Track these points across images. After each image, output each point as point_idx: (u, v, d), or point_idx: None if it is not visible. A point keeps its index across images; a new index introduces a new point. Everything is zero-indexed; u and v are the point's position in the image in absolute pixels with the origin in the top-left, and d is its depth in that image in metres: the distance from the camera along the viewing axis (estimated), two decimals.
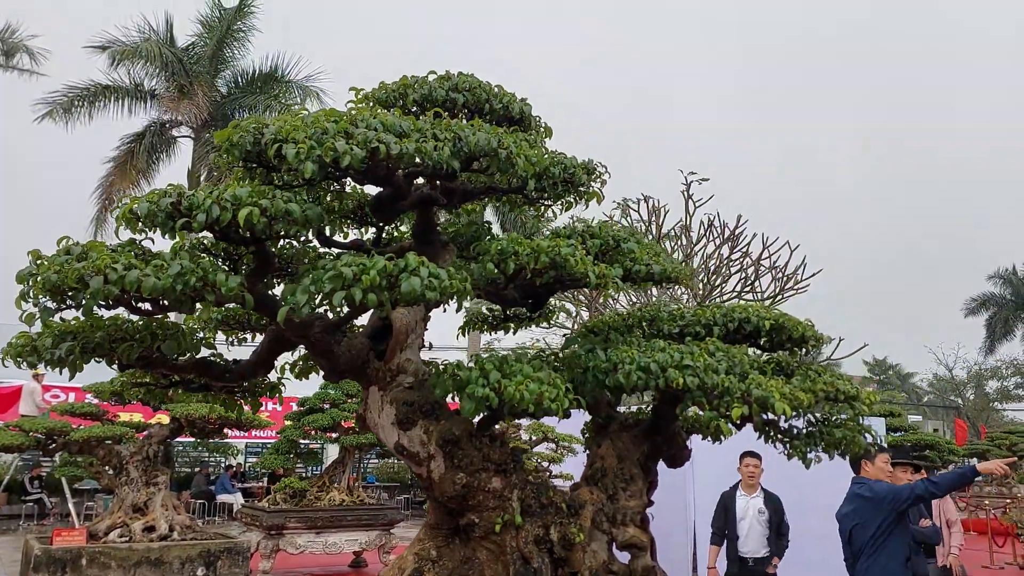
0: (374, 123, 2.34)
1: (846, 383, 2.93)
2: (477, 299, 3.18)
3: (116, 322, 2.41)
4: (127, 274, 2.00)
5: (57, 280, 2.01)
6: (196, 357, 2.74)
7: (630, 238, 3.07)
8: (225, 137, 2.37)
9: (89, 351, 2.31)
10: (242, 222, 2.10)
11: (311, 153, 2.20)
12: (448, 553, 2.81)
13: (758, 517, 5.91)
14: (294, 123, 2.31)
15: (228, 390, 3.06)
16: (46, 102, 26.31)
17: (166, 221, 2.17)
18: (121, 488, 8.96)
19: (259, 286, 2.45)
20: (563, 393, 2.51)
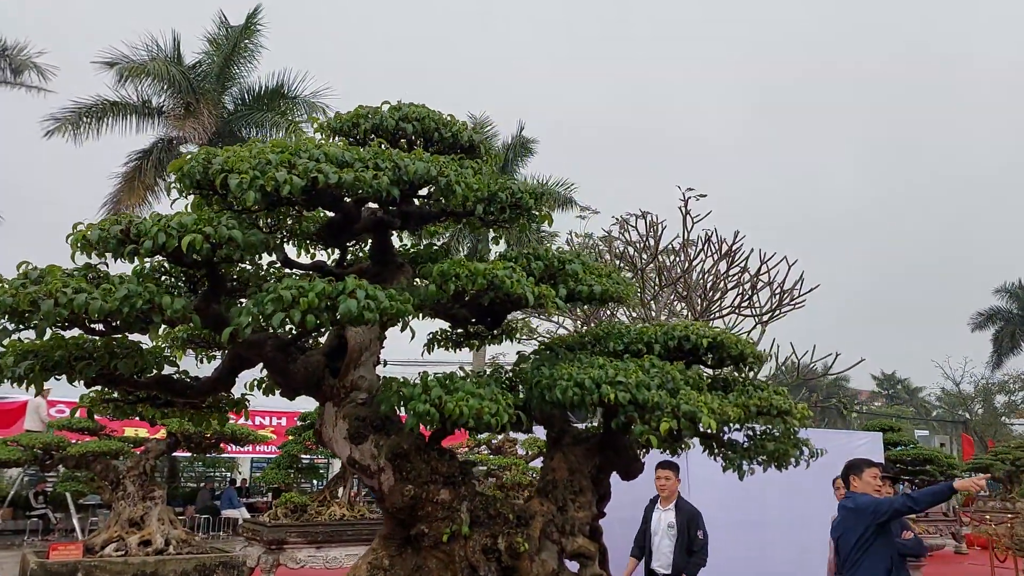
0: (316, 154, 2.49)
1: (780, 399, 3.04)
2: (434, 318, 3.31)
3: (76, 341, 2.55)
4: (76, 297, 2.14)
5: (12, 303, 2.15)
6: (159, 374, 2.88)
7: (575, 260, 3.20)
8: (177, 167, 2.52)
9: (49, 369, 2.45)
10: (185, 248, 2.25)
11: (253, 183, 2.35)
12: (400, 562, 2.93)
13: (667, 531, 5.77)
14: (240, 155, 2.46)
15: (193, 406, 3.20)
16: (55, 119, 26.69)
17: (117, 247, 2.32)
18: (118, 502, 9.09)
19: (213, 306, 2.59)
20: (503, 408, 2.63)
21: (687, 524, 5.77)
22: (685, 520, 5.77)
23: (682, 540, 5.70)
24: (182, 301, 2.27)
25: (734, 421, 2.78)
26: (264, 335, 2.70)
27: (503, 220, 3.20)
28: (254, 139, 2.63)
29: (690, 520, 5.81)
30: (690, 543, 5.73)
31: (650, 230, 18.20)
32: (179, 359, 3.18)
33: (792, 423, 3.04)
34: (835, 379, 54.73)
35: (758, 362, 3.34)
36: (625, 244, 18.92)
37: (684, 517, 5.77)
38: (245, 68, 29.18)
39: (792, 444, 3.10)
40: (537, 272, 3.12)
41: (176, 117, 27.63)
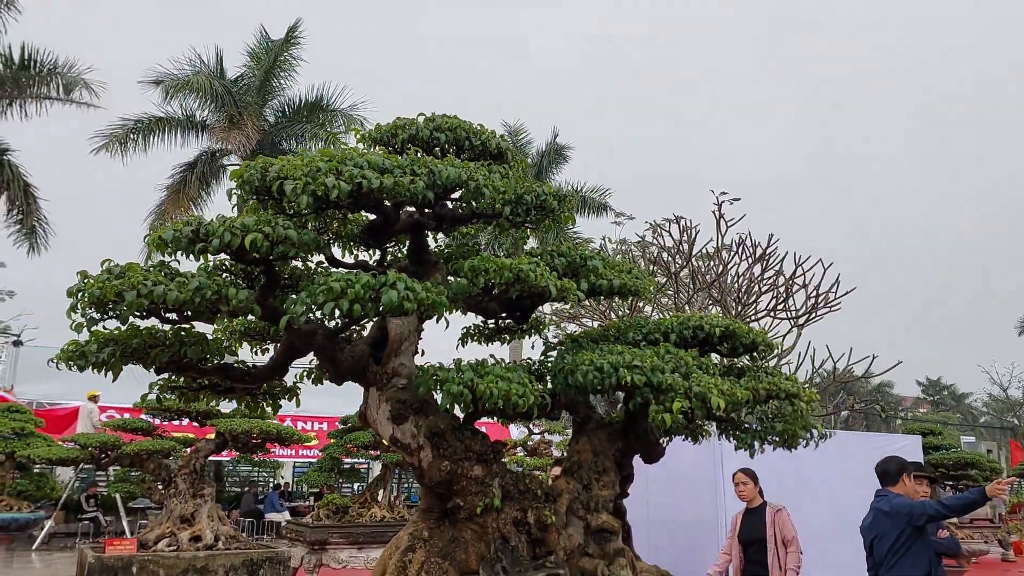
0: (360, 161, 2.80)
1: (789, 383, 3.26)
2: (466, 312, 3.60)
3: (150, 331, 2.89)
4: (155, 289, 2.47)
5: (100, 294, 2.49)
6: (220, 363, 3.20)
7: (595, 256, 3.47)
8: (238, 175, 2.85)
9: (128, 355, 2.79)
10: (248, 246, 2.56)
11: (306, 188, 2.66)
12: (438, 533, 3.21)
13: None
14: (293, 163, 2.78)
15: (250, 393, 3.52)
16: (103, 135, 27.56)
17: (188, 245, 2.65)
18: (169, 500, 9.48)
19: (269, 300, 2.91)
20: (530, 391, 2.90)
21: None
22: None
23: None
24: (245, 293, 2.59)
25: (743, 402, 3.00)
26: (315, 325, 3.01)
27: (529, 221, 3.47)
28: (303, 149, 2.94)
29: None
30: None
31: (683, 234, 18.32)
32: (237, 350, 3.50)
33: (800, 405, 3.26)
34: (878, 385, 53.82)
35: (769, 350, 3.56)
36: (659, 249, 19.06)
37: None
38: (285, 81, 29.82)
39: (800, 426, 3.31)
40: (560, 267, 3.40)
41: (220, 130, 28.38)
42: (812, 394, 3.33)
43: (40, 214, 27.46)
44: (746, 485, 6.41)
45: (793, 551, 6.14)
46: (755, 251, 18.28)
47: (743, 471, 6.46)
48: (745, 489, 6.42)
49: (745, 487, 6.42)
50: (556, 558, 3.18)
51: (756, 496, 6.46)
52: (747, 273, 18.30)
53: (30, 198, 26.91)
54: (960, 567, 14.67)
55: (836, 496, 9.53)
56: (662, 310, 18.44)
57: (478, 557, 3.13)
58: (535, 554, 3.23)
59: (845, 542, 6.08)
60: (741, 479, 6.41)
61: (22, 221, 26.95)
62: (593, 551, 3.35)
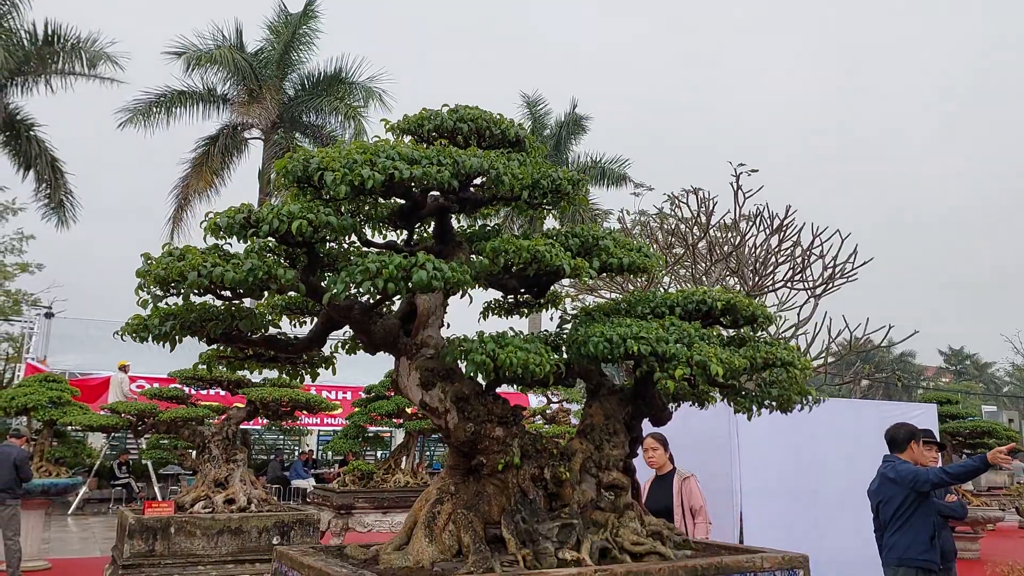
0: (392, 153, 3.11)
1: (785, 352, 3.56)
2: (487, 288, 3.91)
3: (204, 306, 3.23)
4: (214, 270, 2.80)
5: (164, 275, 2.82)
6: (265, 334, 3.55)
7: (607, 236, 3.77)
8: (281, 166, 3.16)
9: (185, 328, 3.13)
10: (294, 231, 2.89)
11: (344, 179, 2.98)
12: (463, 488, 3.55)
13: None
14: (331, 155, 3.09)
15: (291, 362, 3.87)
16: (127, 109, 27.91)
17: (240, 230, 2.98)
18: (204, 465, 9.91)
19: (311, 278, 3.23)
20: (546, 360, 3.21)
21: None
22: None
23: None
24: (291, 273, 2.92)
25: (741, 370, 3.30)
26: (352, 301, 3.33)
27: (546, 203, 3.77)
28: (340, 140, 3.25)
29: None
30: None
31: (701, 206, 18.46)
32: (279, 323, 3.84)
33: (795, 373, 3.55)
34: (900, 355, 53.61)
35: (768, 322, 3.84)
36: (677, 220, 19.22)
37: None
38: (304, 54, 30.01)
39: (795, 391, 3.61)
40: (574, 247, 3.70)
41: (241, 103, 28.67)
42: (807, 362, 3.61)
43: (67, 188, 27.97)
44: (655, 451, 6.00)
45: (701, 522, 5.63)
46: (772, 222, 18.40)
47: (653, 436, 5.96)
48: (655, 455, 6.00)
49: (655, 453, 6.00)
50: (570, 510, 3.52)
51: (666, 463, 6.09)
52: (764, 244, 18.44)
53: (57, 172, 27.45)
54: (976, 533, 14.95)
55: (851, 464, 9.76)
56: (680, 281, 18.68)
57: (500, 509, 3.47)
58: (551, 507, 3.56)
59: (859, 509, 6.23)
60: (650, 444, 5.95)
61: (50, 195, 27.51)
62: (604, 505, 3.68)
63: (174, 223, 28.03)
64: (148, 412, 10.28)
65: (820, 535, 9.45)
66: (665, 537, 3.67)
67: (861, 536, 7.96)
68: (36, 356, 24.01)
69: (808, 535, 9.00)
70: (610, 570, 3.14)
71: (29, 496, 11.93)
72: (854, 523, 9.20)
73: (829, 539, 9.48)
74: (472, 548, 3.27)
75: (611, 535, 3.53)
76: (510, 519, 3.39)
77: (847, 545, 9.18)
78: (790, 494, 9.80)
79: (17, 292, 29.75)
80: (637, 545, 3.52)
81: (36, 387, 14.04)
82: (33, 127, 27.15)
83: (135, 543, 7.72)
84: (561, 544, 3.36)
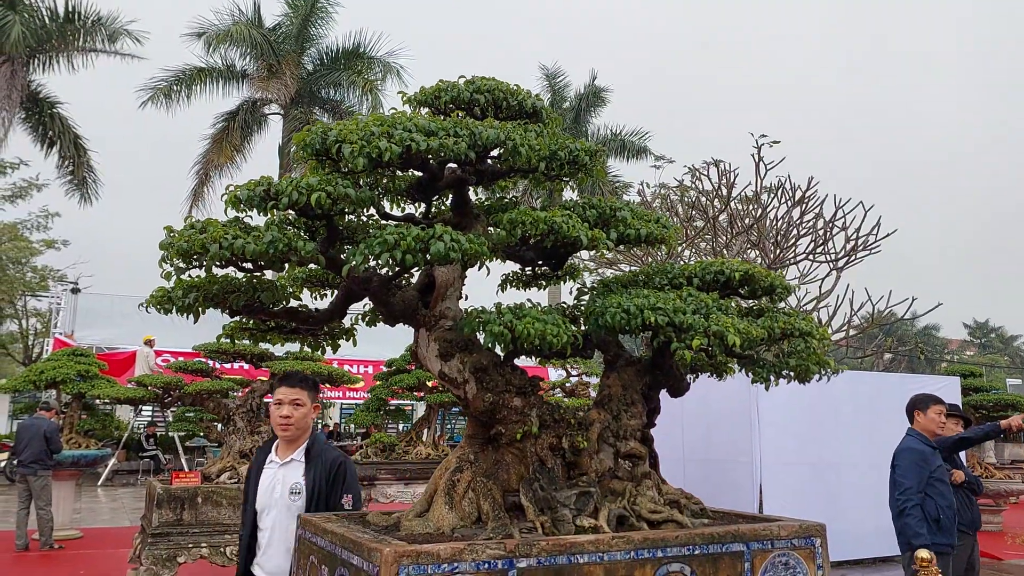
0: (409, 125, 3.12)
1: (803, 322, 3.55)
2: (505, 260, 3.93)
3: (227, 279, 3.28)
4: (235, 242, 2.85)
5: (187, 247, 2.87)
6: (287, 306, 3.60)
7: (624, 208, 3.76)
8: (300, 139, 3.19)
9: (208, 300, 3.19)
10: (313, 203, 2.92)
11: (361, 151, 3.00)
12: (483, 456, 3.60)
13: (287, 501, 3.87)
14: (349, 127, 3.12)
15: (312, 334, 3.92)
16: (148, 88, 28.04)
17: (260, 203, 3.02)
18: (229, 436, 10.08)
19: (330, 251, 3.27)
20: (563, 331, 3.23)
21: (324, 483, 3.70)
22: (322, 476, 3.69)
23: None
24: (311, 245, 2.96)
25: (758, 340, 3.30)
26: (371, 273, 3.37)
27: (563, 175, 3.77)
28: (358, 113, 3.27)
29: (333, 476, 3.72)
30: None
31: (722, 178, 18.31)
32: (299, 296, 3.89)
33: (813, 343, 3.54)
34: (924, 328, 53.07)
35: (786, 292, 3.84)
36: (697, 193, 19.08)
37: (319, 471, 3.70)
38: (322, 28, 29.95)
39: (813, 361, 3.61)
40: (591, 219, 3.70)
41: (260, 79, 28.72)
42: (825, 332, 3.60)
43: (90, 165, 28.23)
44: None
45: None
46: (794, 194, 18.22)
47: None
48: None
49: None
50: (588, 479, 3.56)
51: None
52: (786, 216, 18.28)
53: (80, 150, 27.71)
54: (998, 506, 14.88)
55: (873, 436, 9.77)
56: (700, 255, 18.59)
57: (518, 477, 3.51)
58: (569, 476, 3.61)
59: (880, 481, 6.27)
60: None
61: (73, 173, 27.80)
62: (622, 474, 3.72)
63: (194, 198, 28.25)
64: (174, 384, 10.46)
65: (840, 507, 9.49)
66: (682, 506, 3.71)
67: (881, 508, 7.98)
68: (63, 331, 24.43)
69: (828, 507, 9.05)
70: (628, 537, 3.18)
71: (60, 467, 12.20)
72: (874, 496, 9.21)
73: (849, 511, 9.52)
74: (491, 515, 3.33)
75: (628, 503, 3.57)
76: (528, 487, 3.43)
77: (866, 517, 9.22)
78: (810, 466, 9.83)
79: (44, 268, 30.18)
80: (654, 513, 3.56)
81: (64, 360, 14.31)
82: (56, 104, 27.37)
83: (163, 512, 7.90)
84: (579, 512, 3.41)
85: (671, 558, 3.24)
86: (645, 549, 3.19)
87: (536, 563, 2.98)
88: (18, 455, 11.83)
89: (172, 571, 7.65)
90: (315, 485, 3.72)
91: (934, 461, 5.82)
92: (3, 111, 24.74)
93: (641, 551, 3.18)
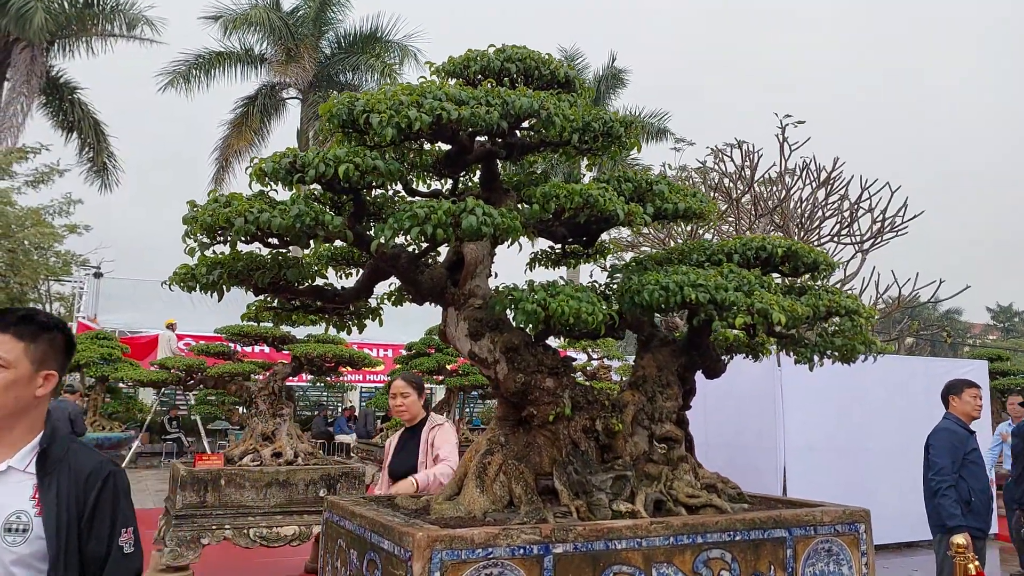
0: (439, 94, 2.99)
1: (849, 300, 3.40)
2: (537, 236, 3.81)
3: (250, 255, 3.18)
4: (260, 216, 2.73)
5: (211, 221, 2.77)
6: (313, 284, 3.50)
7: (661, 181, 3.62)
8: (326, 109, 3.07)
9: (232, 277, 3.08)
10: (341, 175, 2.80)
11: (391, 120, 2.87)
12: (514, 439, 3.49)
13: None
14: (377, 96, 2.99)
15: (338, 313, 3.82)
16: (167, 72, 28.06)
17: (285, 176, 2.90)
18: (251, 419, 10.06)
19: (357, 226, 3.16)
20: (598, 309, 3.10)
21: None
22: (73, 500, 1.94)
23: None
24: (340, 219, 2.84)
25: (803, 318, 3.16)
26: (399, 249, 3.26)
27: (596, 148, 3.62)
28: (385, 84, 3.15)
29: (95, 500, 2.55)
30: None
31: (745, 159, 18.02)
32: (325, 274, 3.79)
33: (859, 321, 3.39)
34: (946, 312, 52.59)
35: (830, 269, 3.69)
36: (720, 175, 18.80)
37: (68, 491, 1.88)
38: (340, 12, 29.81)
39: (860, 341, 3.46)
40: (627, 192, 3.57)
41: (278, 63, 28.65)
42: (872, 310, 3.46)
43: (110, 151, 28.31)
44: (407, 397, 4.74)
45: (444, 463, 4.40)
46: (819, 175, 17.91)
47: (404, 378, 4.77)
48: (405, 403, 4.74)
49: (406, 400, 4.74)
50: (623, 462, 3.44)
51: (420, 412, 4.82)
52: (811, 198, 17.99)
53: (100, 136, 27.80)
54: None
55: (900, 420, 9.62)
56: (722, 237, 18.31)
57: (551, 460, 3.40)
58: (603, 459, 3.49)
59: (908, 465, 6.17)
60: (399, 388, 4.68)
61: (93, 159, 27.90)
62: (657, 457, 3.60)
63: (216, 183, 28.31)
64: (196, 367, 10.45)
65: (866, 493, 9.35)
66: (720, 490, 3.59)
67: (908, 494, 7.86)
68: (87, 315, 24.59)
69: (853, 492, 8.96)
70: (666, 522, 3.07)
71: None
72: (902, 480, 9.06)
73: (875, 496, 9.38)
74: (524, 499, 3.22)
75: (665, 487, 3.45)
76: (562, 470, 3.32)
77: (893, 502, 9.08)
78: (836, 450, 9.69)
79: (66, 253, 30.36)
80: (692, 498, 3.44)
81: (88, 344, 14.37)
82: (76, 90, 27.45)
83: (187, 494, 7.88)
84: (615, 496, 3.30)
85: (711, 544, 3.12)
86: (684, 535, 3.08)
87: (572, 548, 2.87)
88: None
89: (196, 552, 7.63)
90: (61, 516, 2.04)
91: (969, 444, 5.73)
92: (23, 97, 24.84)
93: (680, 537, 3.07)
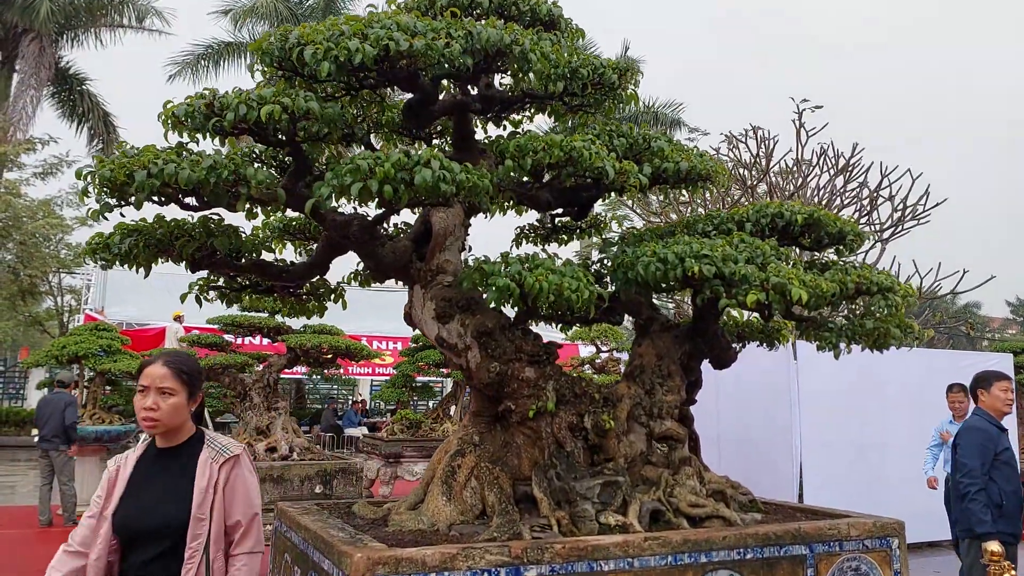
0: (389, 23, 2.49)
1: (882, 276, 2.87)
2: (517, 204, 3.30)
3: (176, 222, 2.69)
4: (166, 167, 2.25)
5: (110, 176, 2.28)
6: (256, 259, 3.01)
7: (660, 137, 3.09)
8: (257, 46, 2.58)
9: (152, 247, 2.60)
10: (264, 118, 2.30)
11: (328, 53, 2.38)
12: (489, 437, 3.00)
13: None
14: (316, 28, 2.50)
15: (293, 293, 3.33)
16: (175, 63, 27.82)
17: (203, 121, 2.41)
18: (245, 412, 9.68)
19: (299, 186, 2.67)
20: (584, 285, 2.60)
21: None
22: None
23: None
24: (265, 173, 2.35)
25: (828, 296, 2.64)
26: (349, 216, 2.77)
27: (587, 104, 3.12)
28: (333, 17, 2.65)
29: None
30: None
31: (761, 147, 17.43)
32: (279, 251, 3.31)
33: (895, 300, 2.86)
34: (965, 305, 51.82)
35: (859, 240, 3.16)
36: (735, 163, 18.23)
37: None
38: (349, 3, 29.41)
39: (895, 324, 2.92)
40: (620, 149, 3.04)
41: None
42: (909, 288, 2.92)
43: (119, 142, 28.10)
44: (169, 396, 2.24)
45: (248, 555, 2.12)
46: (837, 162, 17.29)
47: (168, 363, 2.89)
48: (163, 407, 2.25)
49: (165, 403, 2.34)
50: (615, 466, 2.94)
51: (187, 422, 2.63)
52: (828, 185, 17.37)
53: (109, 127, 27.56)
54: None
55: (922, 416, 9.14)
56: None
57: (531, 463, 2.91)
58: (593, 461, 3.00)
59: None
60: (158, 381, 2.60)
61: (103, 150, 27.67)
62: (657, 459, 3.11)
63: None
64: None
65: (884, 490, 8.92)
66: (729, 497, 3.08)
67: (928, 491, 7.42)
68: (94, 307, 24.39)
69: (871, 489, 8.55)
70: (664, 538, 2.57)
71: (84, 443, 11.96)
72: (921, 478, 8.59)
73: (894, 494, 8.93)
74: (497, 509, 2.73)
75: (664, 495, 2.95)
76: (543, 475, 2.83)
77: (912, 500, 8.60)
78: (854, 446, 9.26)
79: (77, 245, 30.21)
80: (696, 507, 2.93)
81: (87, 335, 14.02)
82: (85, 81, 27.25)
83: None
84: (604, 506, 2.79)
85: (717, 563, 2.62)
86: (686, 553, 2.58)
87: (549, 571, 2.38)
88: (39, 431, 11.66)
89: None
90: None
91: (1001, 442, 5.23)
92: (32, 88, 24.64)
93: (680, 555, 2.57)
